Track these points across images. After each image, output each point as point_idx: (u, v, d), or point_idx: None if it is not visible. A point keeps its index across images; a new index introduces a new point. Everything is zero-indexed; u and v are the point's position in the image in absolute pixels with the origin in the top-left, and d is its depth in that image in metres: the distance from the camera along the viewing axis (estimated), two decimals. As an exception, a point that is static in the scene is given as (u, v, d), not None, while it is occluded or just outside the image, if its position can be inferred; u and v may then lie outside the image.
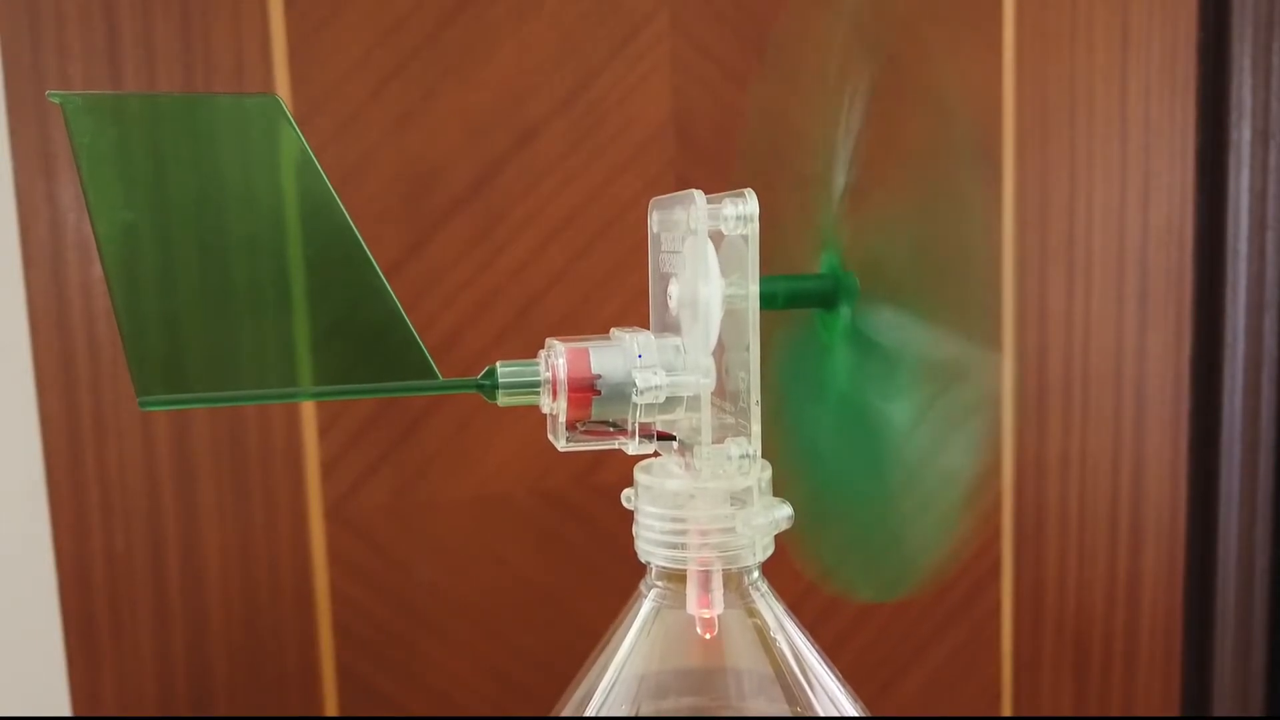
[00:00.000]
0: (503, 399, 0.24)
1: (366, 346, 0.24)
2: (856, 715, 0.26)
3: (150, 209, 0.23)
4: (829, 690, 0.26)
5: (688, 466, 0.25)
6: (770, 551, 0.26)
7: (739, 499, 0.25)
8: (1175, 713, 0.71)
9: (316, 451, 0.55)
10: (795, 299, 0.28)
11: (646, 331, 0.25)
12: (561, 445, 0.24)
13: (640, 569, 0.26)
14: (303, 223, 0.24)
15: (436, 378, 0.24)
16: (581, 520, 0.59)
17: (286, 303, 0.23)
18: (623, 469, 0.26)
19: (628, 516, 0.26)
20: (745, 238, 0.24)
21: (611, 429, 0.24)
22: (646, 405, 0.24)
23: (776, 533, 0.25)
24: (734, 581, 0.26)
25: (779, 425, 0.28)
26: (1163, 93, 0.65)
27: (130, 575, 0.54)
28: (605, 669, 0.26)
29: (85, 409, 0.52)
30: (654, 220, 0.27)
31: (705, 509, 0.25)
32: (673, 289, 0.26)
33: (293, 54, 0.53)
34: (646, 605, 0.26)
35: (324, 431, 0.55)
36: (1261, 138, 0.66)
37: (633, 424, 0.24)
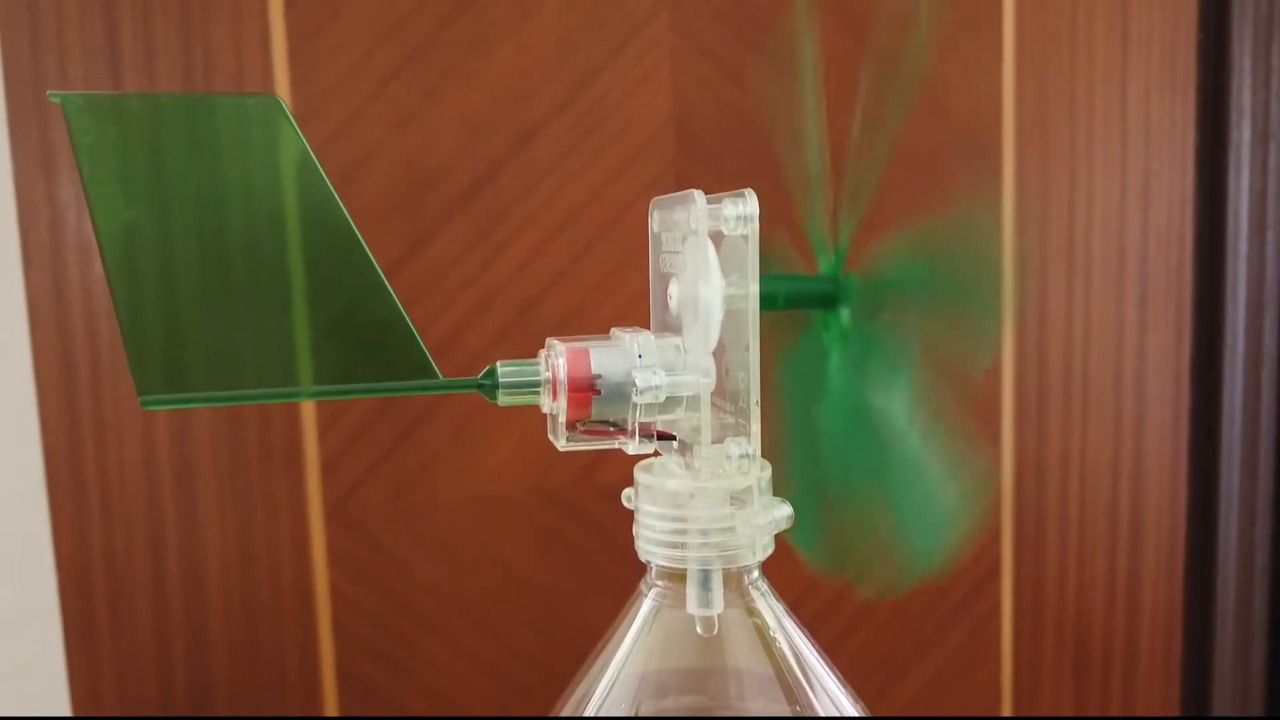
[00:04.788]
0: (503, 399, 0.24)
1: (366, 346, 0.24)
2: (856, 715, 0.26)
3: (151, 208, 0.23)
4: (829, 690, 0.26)
5: (688, 466, 0.25)
6: (770, 551, 0.26)
7: (739, 499, 0.25)
8: (1175, 713, 0.71)
9: (316, 451, 0.55)
10: (795, 299, 0.28)
11: (646, 331, 0.25)
12: (561, 445, 0.24)
13: (640, 568, 0.26)
14: (303, 222, 0.24)
15: (436, 378, 0.24)
16: (581, 520, 0.59)
17: (286, 302, 0.23)
18: (623, 469, 0.26)
19: (628, 516, 0.26)
20: (745, 238, 0.24)
21: (611, 429, 0.24)
22: (646, 405, 0.24)
23: (776, 532, 0.25)
24: (734, 581, 0.26)
25: (781, 425, 0.28)
26: (1163, 93, 0.65)
27: (130, 575, 0.54)
28: (605, 668, 0.26)
29: (85, 409, 0.52)
30: (654, 220, 0.27)
31: (705, 508, 0.25)
32: (673, 289, 0.26)
33: (293, 54, 0.53)
34: (646, 605, 0.26)
35: (324, 431, 0.55)
36: (1261, 138, 0.66)
37: (633, 424, 0.24)
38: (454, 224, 0.56)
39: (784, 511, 0.25)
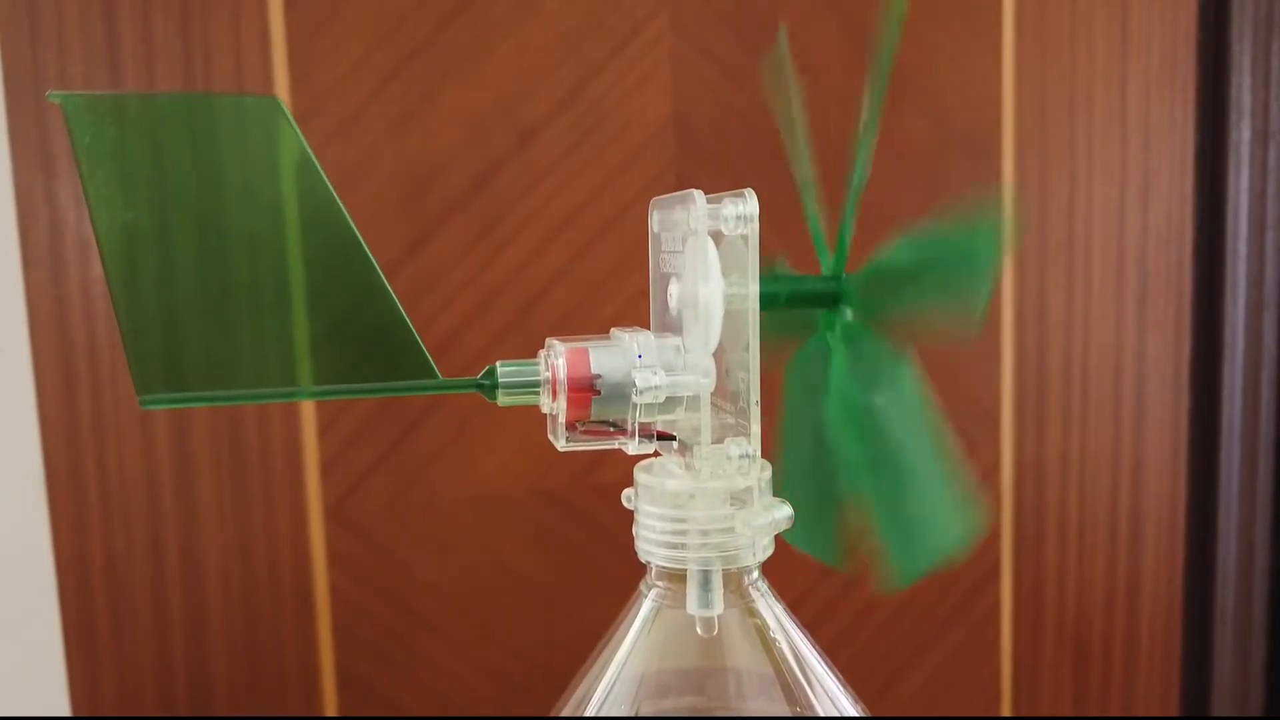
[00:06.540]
0: (503, 399, 0.24)
1: (366, 346, 0.24)
2: (856, 715, 0.26)
3: (150, 208, 0.23)
4: (829, 690, 0.26)
5: (688, 466, 0.25)
6: (770, 551, 0.25)
7: (739, 499, 0.25)
8: (1175, 713, 0.71)
9: (316, 451, 0.55)
10: (797, 299, 0.28)
11: (646, 331, 0.25)
12: (561, 445, 0.24)
13: (640, 569, 0.26)
14: (303, 223, 0.24)
15: (436, 378, 0.24)
16: (581, 520, 0.59)
17: (286, 302, 0.23)
18: (623, 469, 0.26)
19: (628, 516, 0.26)
20: (745, 238, 0.24)
21: (611, 429, 0.24)
22: (646, 405, 0.24)
23: (776, 533, 0.25)
24: (734, 581, 0.26)
25: (783, 425, 0.28)
26: (1163, 93, 0.65)
27: (130, 575, 0.54)
28: (605, 669, 0.26)
29: (85, 409, 0.52)
30: (654, 220, 0.27)
31: (705, 509, 0.25)
32: (673, 289, 0.26)
33: (293, 54, 0.53)
34: (646, 605, 0.26)
35: (324, 431, 0.55)
36: (1261, 138, 0.66)
37: (633, 424, 0.24)
38: (454, 224, 0.56)
39: (784, 512, 0.25)
